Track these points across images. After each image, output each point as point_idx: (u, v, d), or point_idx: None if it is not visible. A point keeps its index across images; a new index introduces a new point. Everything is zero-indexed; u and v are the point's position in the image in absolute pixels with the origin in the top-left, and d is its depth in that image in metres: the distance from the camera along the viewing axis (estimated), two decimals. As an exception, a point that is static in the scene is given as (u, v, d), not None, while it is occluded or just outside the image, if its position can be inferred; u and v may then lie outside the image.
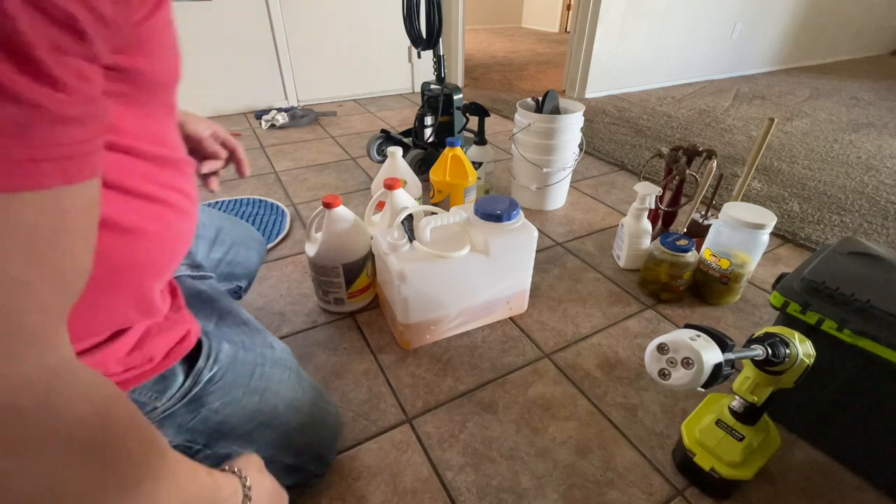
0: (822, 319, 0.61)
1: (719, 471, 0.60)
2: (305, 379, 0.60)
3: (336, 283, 0.89)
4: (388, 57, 2.48)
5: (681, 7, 2.60)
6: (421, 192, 1.16)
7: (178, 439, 0.43)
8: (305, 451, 0.58)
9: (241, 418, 0.48)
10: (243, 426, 0.48)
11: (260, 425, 0.50)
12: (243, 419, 0.48)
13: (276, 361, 0.54)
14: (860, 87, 2.87)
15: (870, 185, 1.56)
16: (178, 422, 0.43)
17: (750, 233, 0.88)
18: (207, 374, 0.45)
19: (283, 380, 0.54)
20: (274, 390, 0.52)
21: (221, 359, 0.46)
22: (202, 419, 0.44)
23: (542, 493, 0.64)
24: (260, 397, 0.50)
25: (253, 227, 1.23)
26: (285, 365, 0.55)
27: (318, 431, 0.60)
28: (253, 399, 0.49)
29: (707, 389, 0.45)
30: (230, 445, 0.47)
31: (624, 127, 2.07)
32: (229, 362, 0.47)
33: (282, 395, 0.53)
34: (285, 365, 0.55)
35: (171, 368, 0.42)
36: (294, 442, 0.55)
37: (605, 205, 1.41)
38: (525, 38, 4.74)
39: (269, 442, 0.51)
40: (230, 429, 0.47)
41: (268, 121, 1.98)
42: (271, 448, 0.52)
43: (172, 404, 0.42)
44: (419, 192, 1.14)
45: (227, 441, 0.47)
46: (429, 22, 1.33)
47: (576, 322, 0.94)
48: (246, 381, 0.49)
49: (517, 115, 1.26)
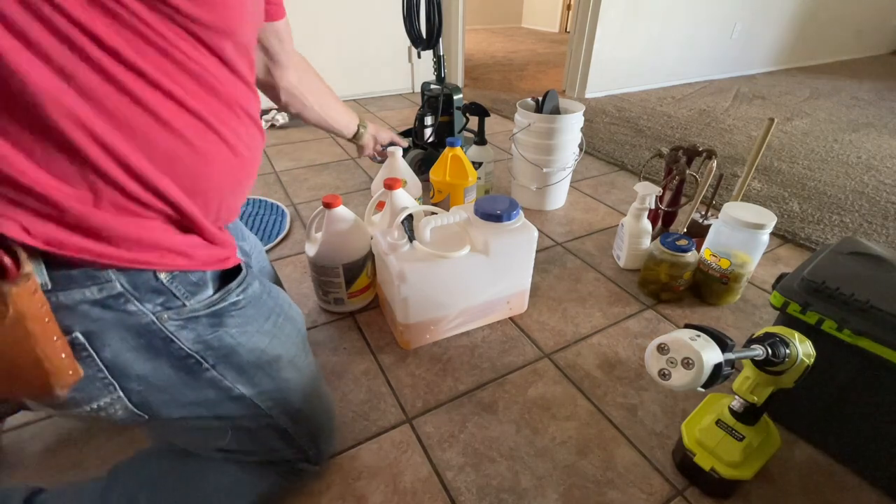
0: (822, 319, 0.61)
1: (719, 471, 0.60)
2: (310, 352, 0.63)
3: (336, 283, 0.89)
4: (388, 57, 2.48)
5: (681, 7, 2.60)
6: (421, 192, 1.16)
7: (195, 347, 0.46)
8: (302, 421, 0.58)
9: (249, 352, 0.50)
10: (249, 362, 0.51)
11: (260, 369, 0.52)
12: (251, 354, 0.51)
13: (290, 318, 0.57)
14: (860, 87, 2.87)
15: (870, 185, 1.56)
16: (199, 330, 0.46)
17: (750, 233, 0.88)
18: (234, 297, 0.49)
19: (291, 335, 0.57)
20: (281, 340, 0.55)
21: (249, 292, 0.50)
22: (218, 337, 0.47)
23: (542, 493, 0.64)
24: (269, 341, 0.53)
25: (253, 228, 1.23)
26: (296, 325, 0.59)
27: (315, 407, 0.61)
28: (263, 340, 0.52)
29: (707, 389, 0.45)
30: (235, 379, 0.50)
31: (624, 127, 2.07)
32: (255, 297, 0.51)
33: (287, 347, 0.56)
34: (296, 325, 0.59)
35: (205, 278, 0.47)
36: (291, 403, 0.56)
37: (605, 205, 1.41)
38: (525, 38, 4.74)
39: (268, 392, 0.53)
40: (238, 359, 0.50)
41: (268, 121, 1.98)
42: (269, 399, 0.54)
43: (199, 308, 0.46)
44: (419, 193, 1.14)
45: (232, 370, 0.49)
46: (429, 22, 1.33)
47: (576, 322, 0.94)
48: (263, 321, 0.52)
49: (517, 115, 1.26)
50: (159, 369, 0.45)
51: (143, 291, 0.41)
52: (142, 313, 0.42)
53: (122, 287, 0.40)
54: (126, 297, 0.41)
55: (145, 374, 0.44)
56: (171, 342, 0.44)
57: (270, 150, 1.76)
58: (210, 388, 0.48)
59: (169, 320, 0.44)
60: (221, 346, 0.48)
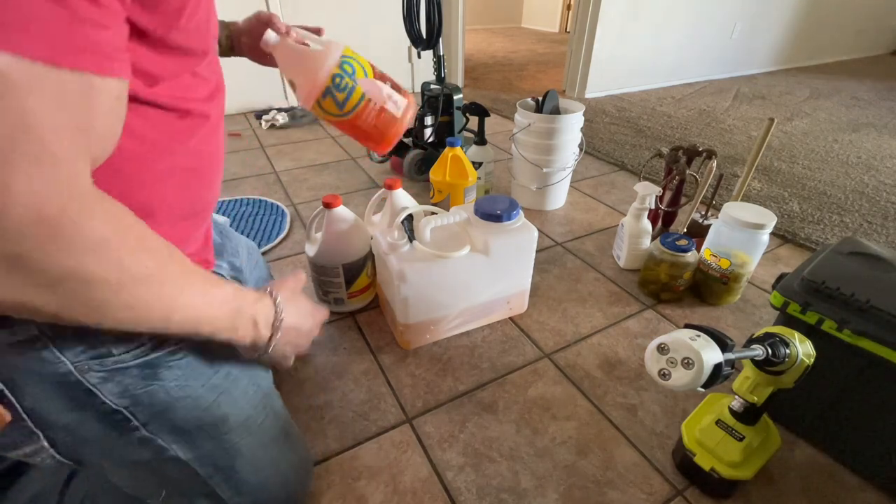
0: (822, 319, 0.61)
1: (719, 471, 0.60)
2: (275, 412, 0.55)
3: (336, 283, 0.89)
4: (388, 57, 2.48)
5: (681, 7, 2.60)
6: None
7: (121, 402, 0.40)
8: (247, 493, 0.52)
9: (189, 412, 0.45)
10: (188, 423, 0.45)
11: (203, 431, 0.46)
12: (190, 414, 0.45)
13: (248, 370, 0.51)
14: (860, 87, 2.87)
15: (870, 185, 1.56)
16: (127, 383, 0.40)
17: (750, 233, 0.88)
18: (172, 345, 0.43)
19: (246, 392, 0.50)
20: (233, 397, 0.48)
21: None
22: (150, 392, 0.42)
23: (542, 493, 0.64)
24: (216, 397, 0.46)
25: (253, 229, 1.23)
26: (256, 381, 0.52)
27: (267, 478, 0.53)
28: (208, 395, 0.46)
29: (707, 389, 0.45)
30: (171, 440, 0.44)
31: (624, 127, 2.07)
32: (200, 344, 0.44)
33: (239, 406, 0.49)
34: (256, 381, 0.52)
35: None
36: (236, 472, 0.50)
37: (605, 205, 1.41)
38: (525, 38, 4.74)
39: (209, 457, 0.48)
40: (175, 417, 0.44)
41: (268, 121, 1.98)
42: (209, 466, 0.48)
43: (127, 358, 0.40)
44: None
45: (167, 433, 0.44)
46: (429, 22, 1.33)
47: (576, 322, 0.94)
48: (210, 373, 0.46)
49: (517, 115, 1.26)
50: (85, 422, 0.40)
51: (62, 336, 0.36)
52: (59, 362, 0.37)
53: (38, 330, 0.35)
54: (43, 342, 0.36)
55: (71, 426, 0.40)
56: (94, 395, 0.39)
57: (270, 150, 1.76)
58: (141, 447, 0.43)
59: (90, 371, 0.38)
60: (154, 403, 0.42)
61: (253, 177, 1.55)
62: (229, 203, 1.36)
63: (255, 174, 1.57)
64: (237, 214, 1.30)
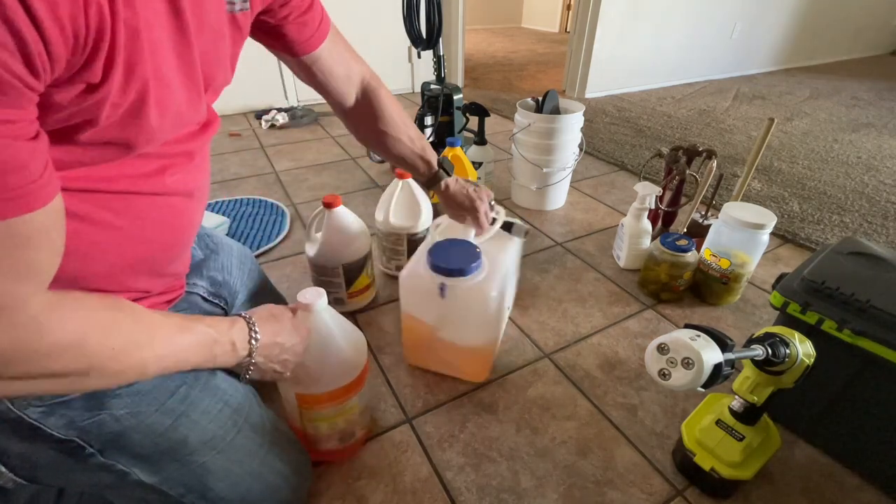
0: (822, 319, 0.61)
1: (719, 471, 0.60)
2: (253, 425, 0.52)
3: (336, 283, 0.89)
4: (388, 57, 2.48)
5: (681, 7, 2.60)
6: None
7: (68, 434, 0.39)
8: None
9: (144, 438, 0.43)
10: (146, 448, 0.43)
11: (165, 455, 0.44)
12: (146, 440, 0.43)
13: (210, 389, 0.48)
14: (860, 87, 2.87)
15: (870, 185, 1.56)
16: (71, 415, 0.39)
17: (750, 233, 0.88)
18: None
19: (208, 413, 0.47)
20: (193, 419, 0.45)
21: None
22: (98, 423, 0.40)
23: (542, 493, 0.64)
24: (173, 421, 0.44)
25: (253, 228, 1.23)
26: (221, 397, 0.48)
27: (249, 489, 0.52)
28: (163, 421, 0.44)
29: (707, 389, 0.45)
30: (131, 464, 0.43)
31: (624, 127, 2.07)
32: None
33: (200, 427, 0.46)
34: (221, 397, 0.48)
35: None
36: (211, 489, 0.48)
37: (605, 205, 1.41)
38: (525, 38, 4.74)
39: (177, 479, 0.46)
40: (131, 444, 0.42)
41: (268, 121, 1.98)
42: (180, 486, 0.47)
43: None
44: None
45: (126, 458, 0.43)
46: (429, 22, 1.33)
47: (576, 322, 0.94)
48: (165, 397, 0.44)
49: (517, 115, 1.26)
50: (39, 451, 0.40)
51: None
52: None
53: None
54: None
55: (26, 454, 0.40)
56: (39, 429, 0.38)
57: (270, 150, 1.76)
58: (102, 472, 0.42)
59: (30, 407, 0.37)
60: (104, 432, 0.41)
61: (253, 177, 1.55)
62: (229, 203, 1.36)
63: (255, 174, 1.57)
64: (237, 214, 1.30)
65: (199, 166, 0.48)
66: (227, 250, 0.67)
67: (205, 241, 0.65)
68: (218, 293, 0.60)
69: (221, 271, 0.63)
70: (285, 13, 0.52)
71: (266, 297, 0.73)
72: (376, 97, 0.69)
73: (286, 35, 0.54)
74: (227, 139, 1.85)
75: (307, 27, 0.56)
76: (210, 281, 0.60)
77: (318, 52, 0.59)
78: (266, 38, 0.56)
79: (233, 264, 0.66)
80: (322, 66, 0.61)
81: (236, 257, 0.67)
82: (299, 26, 0.55)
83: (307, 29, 0.56)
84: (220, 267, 0.63)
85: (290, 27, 0.54)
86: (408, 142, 0.73)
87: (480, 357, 0.79)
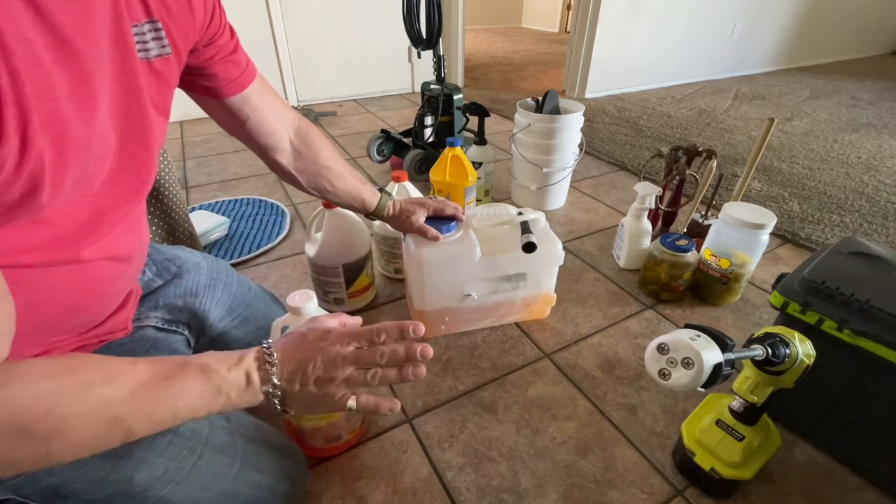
0: (822, 319, 0.61)
1: (719, 471, 0.60)
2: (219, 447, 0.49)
3: (336, 283, 0.89)
4: (388, 57, 2.48)
5: (681, 7, 2.60)
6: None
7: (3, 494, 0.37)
8: None
9: (86, 485, 0.40)
10: (94, 493, 0.41)
11: (117, 496, 0.42)
12: (89, 486, 0.40)
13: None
14: (860, 87, 2.87)
15: (870, 185, 1.56)
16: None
17: (750, 233, 0.88)
18: None
19: (155, 446, 0.44)
20: (137, 457, 0.42)
21: None
22: (32, 479, 0.38)
23: (542, 493, 0.64)
24: (113, 464, 0.41)
25: (253, 228, 1.23)
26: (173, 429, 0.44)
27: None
28: (102, 466, 0.40)
29: (707, 389, 0.45)
30: None
31: (624, 127, 2.07)
32: None
33: (147, 464, 0.43)
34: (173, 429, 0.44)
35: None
36: None
37: (605, 205, 1.41)
38: (525, 38, 4.74)
39: None
40: (75, 493, 0.40)
41: (268, 121, 1.98)
42: None
43: None
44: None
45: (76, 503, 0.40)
46: (429, 22, 1.33)
47: (576, 322, 0.94)
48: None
49: (517, 115, 1.26)
50: None
51: None
52: None
53: None
54: None
55: None
56: None
57: (270, 150, 1.76)
58: None
59: None
60: (41, 487, 0.38)
61: (253, 177, 1.55)
62: (229, 203, 1.36)
63: (255, 174, 1.57)
64: (237, 214, 1.30)
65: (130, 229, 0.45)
66: (195, 270, 0.64)
67: (166, 267, 0.62)
68: (177, 319, 0.59)
69: (183, 296, 0.61)
70: (211, 53, 0.51)
71: (253, 306, 0.70)
72: (311, 136, 0.68)
73: (216, 74, 0.53)
74: (227, 139, 1.85)
75: (236, 66, 0.55)
76: (167, 309, 0.58)
77: (248, 92, 0.58)
78: (193, 81, 0.53)
79: (200, 284, 0.63)
80: (254, 106, 0.59)
81: (205, 275, 0.65)
82: (228, 64, 0.54)
83: (236, 67, 0.55)
84: (183, 292, 0.61)
85: (219, 66, 0.53)
86: (350, 176, 0.72)
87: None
